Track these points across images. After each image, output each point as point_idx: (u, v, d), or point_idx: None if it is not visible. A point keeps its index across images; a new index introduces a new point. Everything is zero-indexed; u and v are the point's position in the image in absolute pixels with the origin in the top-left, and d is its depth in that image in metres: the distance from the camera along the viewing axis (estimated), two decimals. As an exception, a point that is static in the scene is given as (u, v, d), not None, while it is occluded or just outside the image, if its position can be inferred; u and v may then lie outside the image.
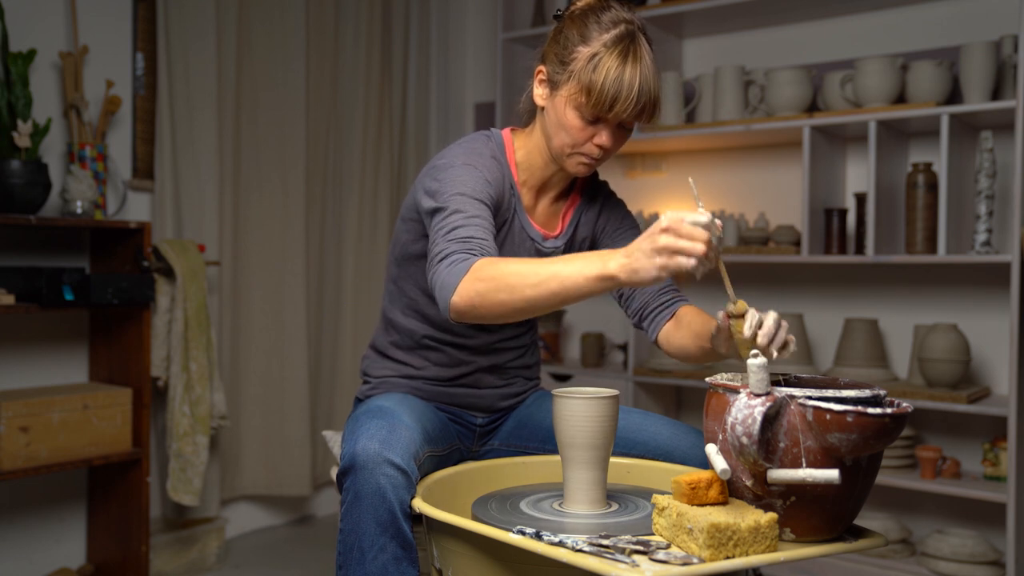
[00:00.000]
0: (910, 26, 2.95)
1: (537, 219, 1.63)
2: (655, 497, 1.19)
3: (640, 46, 1.48)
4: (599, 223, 1.69)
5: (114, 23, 2.76)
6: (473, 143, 1.56)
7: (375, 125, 3.51)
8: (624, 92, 1.45)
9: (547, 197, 1.64)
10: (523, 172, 1.60)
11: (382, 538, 1.31)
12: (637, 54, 1.46)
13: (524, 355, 1.73)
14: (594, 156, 1.52)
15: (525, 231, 1.59)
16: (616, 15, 1.49)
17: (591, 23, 1.48)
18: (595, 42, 1.46)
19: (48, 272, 2.34)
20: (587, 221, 1.68)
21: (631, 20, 1.49)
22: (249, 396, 3.10)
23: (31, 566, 2.60)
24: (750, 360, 1.14)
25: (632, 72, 1.45)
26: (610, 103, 1.45)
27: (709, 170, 3.37)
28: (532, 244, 1.60)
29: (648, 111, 1.50)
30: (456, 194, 1.43)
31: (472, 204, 1.42)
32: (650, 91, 1.47)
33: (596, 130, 1.49)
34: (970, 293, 2.84)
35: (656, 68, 1.50)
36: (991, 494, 2.50)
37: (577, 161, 1.53)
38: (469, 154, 1.52)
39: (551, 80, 1.51)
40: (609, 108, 1.45)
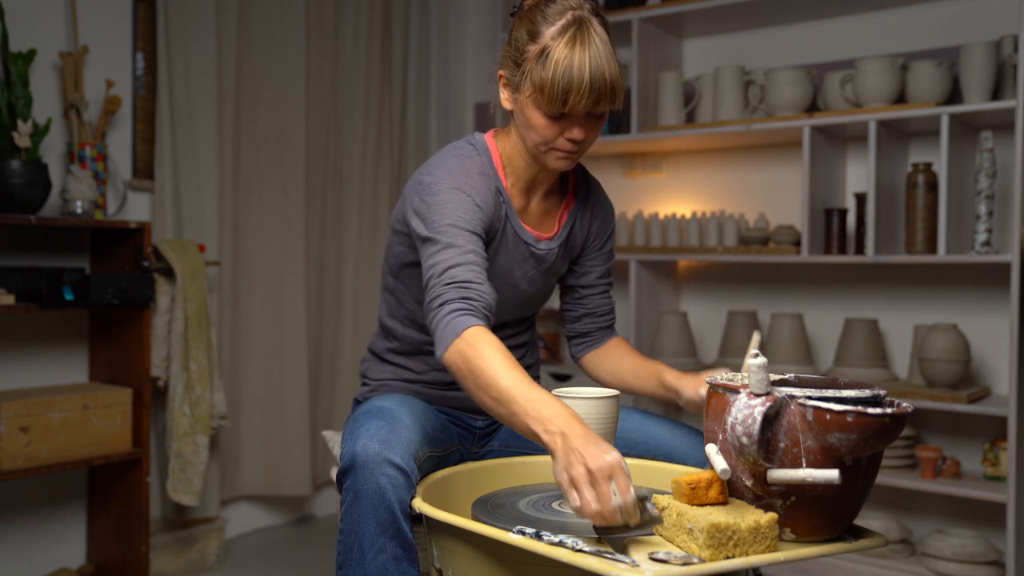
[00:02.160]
0: (910, 26, 2.95)
1: (530, 220, 1.62)
2: (655, 497, 1.19)
3: (588, 32, 1.43)
4: (591, 231, 1.70)
5: (114, 23, 2.76)
6: (460, 158, 1.53)
7: (375, 125, 3.51)
8: (575, 83, 1.41)
9: (538, 196, 1.62)
10: (510, 175, 1.59)
11: (382, 538, 1.30)
12: (585, 41, 1.42)
13: (524, 356, 1.73)
14: (569, 150, 1.50)
15: (518, 235, 1.58)
16: (562, 4, 1.45)
17: (538, 18, 1.46)
18: (543, 37, 1.44)
19: (48, 272, 2.34)
20: (582, 225, 1.68)
21: (579, 6, 1.45)
22: (249, 396, 3.10)
23: (31, 566, 2.60)
24: (750, 360, 1.14)
25: (581, 60, 1.41)
26: (563, 97, 1.42)
27: (709, 170, 3.37)
28: (526, 247, 1.59)
29: (607, 97, 1.45)
30: (448, 225, 1.42)
31: (464, 237, 1.42)
32: (604, 76, 1.42)
33: (564, 125, 1.47)
34: (970, 293, 2.84)
35: (610, 50, 1.45)
36: (991, 494, 2.50)
37: (555, 157, 1.51)
38: (457, 175, 1.49)
39: (511, 83, 1.50)
40: (563, 102, 1.43)
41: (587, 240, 1.70)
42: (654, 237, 3.30)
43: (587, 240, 1.70)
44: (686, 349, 3.15)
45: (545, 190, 1.63)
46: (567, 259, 1.69)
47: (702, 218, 3.22)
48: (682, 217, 3.25)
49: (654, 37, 3.26)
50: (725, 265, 3.32)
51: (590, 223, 1.69)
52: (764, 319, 3.20)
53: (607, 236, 1.72)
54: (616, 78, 1.44)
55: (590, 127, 1.49)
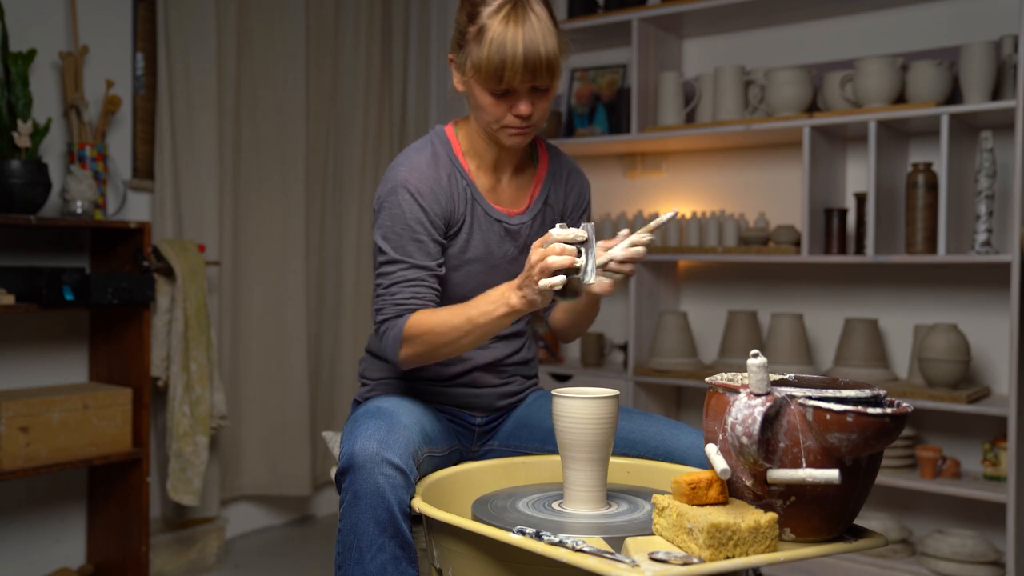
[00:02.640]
0: (910, 26, 2.95)
1: (501, 198, 1.65)
2: (655, 497, 1.19)
3: (524, 10, 1.47)
4: (567, 203, 1.73)
5: (114, 23, 2.76)
6: (419, 155, 1.59)
7: (375, 125, 3.51)
8: (508, 58, 1.46)
9: (507, 173, 1.66)
10: (473, 160, 1.63)
11: (381, 538, 1.31)
12: (520, 18, 1.46)
13: (521, 349, 1.72)
14: (519, 126, 1.53)
15: (489, 214, 1.62)
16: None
17: (478, 2, 1.50)
18: (481, 17, 1.49)
19: (48, 272, 2.34)
20: (557, 196, 1.71)
21: None
22: (249, 396, 3.10)
23: (31, 566, 2.59)
24: (750, 360, 1.14)
25: (515, 35, 1.46)
26: (498, 72, 1.47)
27: (709, 170, 3.37)
28: (500, 225, 1.63)
29: (543, 71, 1.48)
30: (395, 235, 1.53)
31: (411, 246, 1.53)
32: (538, 50, 1.46)
33: (510, 101, 1.52)
34: (970, 293, 2.84)
35: (549, 27, 1.49)
36: (991, 494, 2.50)
37: (507, 135, 1.55)
38: (414, 174, 1.55)
39: (458, 65, 1.55)
40: (499, 78, 1.47)
41: (564, 213, 1.73)
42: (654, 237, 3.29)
43: (564, 213, 1.73)
44: (686, 349, 3.15)
45: (514, 167, 1.67)
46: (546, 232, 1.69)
47: (702, 218, 3.22)
48: (682, 217, 3.25)
49: (654, 37, 3.26)
50: (725, 265, 3.32)
51: (565, 196, 1.73)
52: (764, 319, 3.20)
53: (584, 208, 1.76)
54: (552, 53, 1.48)
55: (537, 100, 1.53)
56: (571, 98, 3.60)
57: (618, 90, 3.48)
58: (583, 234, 1.35)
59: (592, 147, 3.42)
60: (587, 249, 1.36)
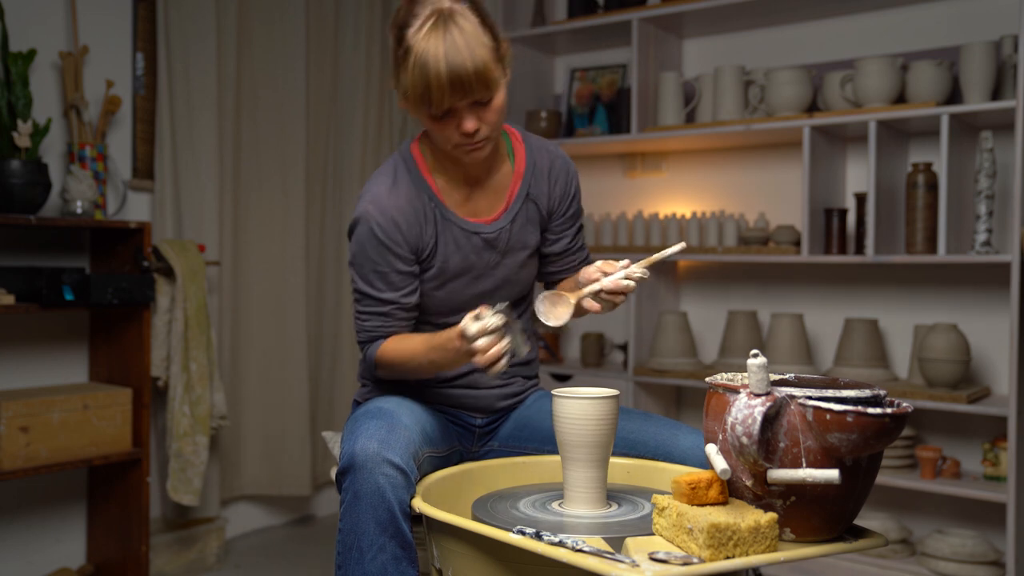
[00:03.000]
0: (910, 26, 2.95)
1: (478, 208, 1.60)
2: (655, 497, 1.19)
3: (447, 22, 1.38)
4: (554, 191, 1.66)
5: (114, 23, 2.76)
6: (380, 183, 1.55)
7: (375, 125, 3.51)
8: (432, 79, 1.38)
9: (483, 185, 1.60)
10: (441, 176, 1.58)
11: (381, 538, 1.30)
12: (442, 33, 1.38)
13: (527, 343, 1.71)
14: (473, 143, 1.46)
15: (465, 229, 1.57)
16: (424, 5, 1.41)
17: (406, 20, 1.43)
18: (406, 38, 1.41)
19: (48, 272, 2.34)
20: (539, 189, 1.63)
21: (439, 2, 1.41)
22: (249, 396, 3.10)
23: (31, 566, 2.59)
24: (750, 360, 1.14)
25: (436, 53, 1.37)
26: (425, 96, 1.40)
27: (709, 170, 3.37)
28: (477, 237, 1.58)
29: (474, 85, 1.40)
30: (360, 267, 1.54)
31: (375, 278, 1.53)
32: (463, 65, 1.37)
33: (454, 120, 1.44)
34: (970, 293, 2.84)
35: (477, 35, 1.39)
36: (991, 494, 2.50)
37: (463, 152, 1.49)
38: (373, 205, 1.52)
39: (400, 93, 1.48)
40: (428, 101, 1.41)
41: (552, 205, 1.66)
42: (654, 237, 3.30)
43: (552, 205, 1.66)
44: (686, 349, 3.15)
45: (488, 171, 1.60)
46: (532, 229, 1.65)
47: (702, 218, 3.22)
48: (682, 217, 3.25)
49: (654, 37, 3.26)
50: (725, 265, 3.32)
51: (550, 187, 1.65)
52: (764, 319, 3.20)
53: (571, 198, 1.68)
54: (481, 65, 1.39)
55: (482, 113, 1.45)
56: (571, 98, 3.60)
57: (618, 90, 3.48)
58: (496, 322, 1.35)
59: (592, 147, 3.42)
60: (509, 330, 1.37)
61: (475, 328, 1.33)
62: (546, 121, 3.46)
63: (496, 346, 1.33)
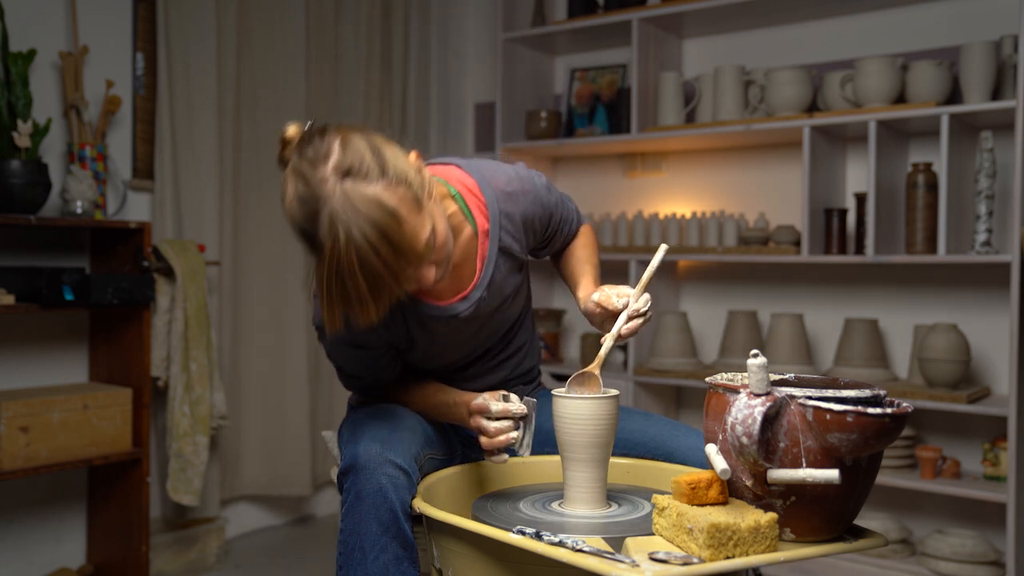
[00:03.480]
0: (910, 26, 2.95)
1: (451, 290, 1.46)
2: (655, 497, 1.19)
3: (355, 240, 1.16)
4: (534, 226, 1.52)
5: (114, 23, 2.76)
6: None
7: (375, 125, 3.51)
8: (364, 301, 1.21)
9: (458, 265, 1.45)
10: None
11: (383, 538, 1.30)
12: (354, 256, 1.17)
13: (523, 359, 1.70)
14: (431, 287, 1.31)
15: (436, 316, 1.44)
16: (316, 204, 1.19)
17: (306, 231, 1.22)
18: (321, 248, 1.20)
19: (48, 272, 2.34)
20: (509, 232, 1.47)
21: (327, 195, 1.18)
22: (249, 396, 3.10)
23: (31, 566, 2.59)
24: (750, 360, 1.14)
25: (358, 282, 1.18)
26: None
27: (709, 170, 3.37)
28: (453, 318, 1.44)
29: (406, 277, 1.23)
30: (335, 358, 1.49)
31: (352, 366, 1.49)
32: (370, 320, 1.21)
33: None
34: (970, 293, 2.84)
35: (388, 229, 1.17)
36: (991, 494, 2.50)
37: (430, 293, 1.40)
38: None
39: None
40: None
41: (535, 234, 1.55)
42: (654, 237, 3.30)
43: (535, 234, 1.55)
44: (686, 349, 3.15)
45: (459, 256, 1.44)
46: (514, 273, 1.52)
47: (702, 218, 3.22)
48: (682, 217, 3.25)
49: (654, 37, 3.26)
50: (725, 265, 3.32)
51: (523, 223, 1.50)
52: (764, 319, 3.20)
53: (549, 216, 1.55)
54: (405, 256, 1.19)
55: (430, 272, 1.28)
56: (571, 98, 3.60)
57: (618, 90, 3.48)
58: (521, 410, 1.36)
59: (592, 147, 3.42)
60: (526, 424, 1.37)
61: (498, 408, 1.36)
62: (546, 121, 3.46)
63: (506, 435, 1.35)
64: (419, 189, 1.23)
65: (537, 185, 1.52)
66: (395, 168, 1.21)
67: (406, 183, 1.21)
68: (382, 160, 1.20)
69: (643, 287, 1.41)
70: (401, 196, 1.19)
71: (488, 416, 1.37)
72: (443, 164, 1.50)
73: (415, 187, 1.22)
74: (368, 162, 1.19)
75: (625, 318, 1.40)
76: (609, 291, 1.43)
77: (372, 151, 1.21)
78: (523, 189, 1.49)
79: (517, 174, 1.50)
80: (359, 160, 1.18)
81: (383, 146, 1.23)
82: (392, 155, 1.23)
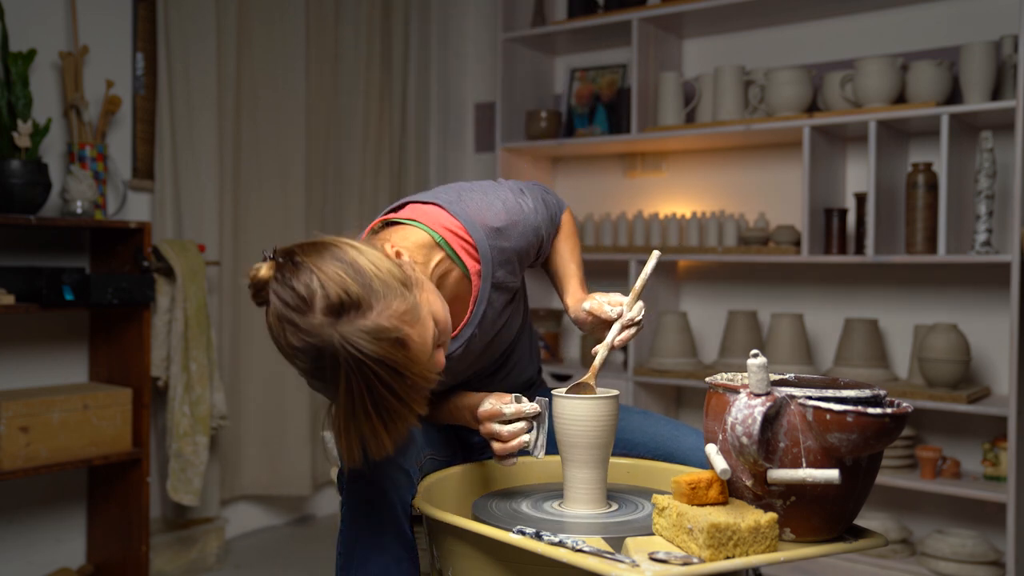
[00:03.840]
0: (910, 26, 2.95)
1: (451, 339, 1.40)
2: (655, 497, 1.19)
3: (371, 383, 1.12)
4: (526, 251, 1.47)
5: (114, 23, 2.76)
6: None
7: (375, 125, 3.51)
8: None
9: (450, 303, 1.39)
10: None
11: (383, 538, 1.30)
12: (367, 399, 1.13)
13: (526, 368, 1.70)
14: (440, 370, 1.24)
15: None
16: (316, 357, 1.12)
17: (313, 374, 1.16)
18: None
19: (48, 272, 2.34)
20: (502, 264, 1.43)
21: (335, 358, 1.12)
22: (249, 396, 3.10)
23: (31, 566, 2.59)
24: (750, 360, 1.14)
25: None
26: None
27: (709, 170, 3.37)
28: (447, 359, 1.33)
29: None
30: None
31: None
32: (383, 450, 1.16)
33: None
34: (970, 293, 2.84)
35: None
36: (991, 494, 2.50)
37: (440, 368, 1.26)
38: None
39: None
40: None
41: (528, 259, 1.51)
42: (654, 237, 3.30)
43: (528, 259, 1.51)
44: (686, 349, 3.15)
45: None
46: (505, 305, 1.48)
47: (702, 218, 3.22)
48: (682, 217, 3.25)
49: (654, 37, 3.26)
50: (725, 265, 3.32)
51: (517, 255, 1.45)
52: (764, 319, 3.20)
53: (540, 237, 1.50)
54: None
55: (439, 360, 1.23)
56: (571, 98, 3.60)
57: (618, 90, 3.48)
58: (534, 409, 1.35)
59: (592, 147, 3.42)
60: (539, 424, 1.36)
61: (511, 410, 1.35)
62: (546, 121, 3.46)
63: (519, 438, 1.35)
64: (407, 286, 1.17)
65: (525, 212, 1.45)
66: (379, 281, 1.14)
67: (395, 292, 1.14)
68: (364, 279, 1.13)
69: (636, 295, 1.40)
70: (397, 313, 1.13)
71: (501, 420, 1.36)
72: (425, 204, 1.42)
73: (405, 290, 1.16)
74: (354, 291, 1.11)
75: (619, 328, 1.39)
76: (601, 299, 1.42)
77: (351, 274, 1.13)
78: (512, 221, 1.43)
79: (504, 206, 1.43)
80: (344, 292, 1.11)
81: (357, 257, 1.15)
82: (369, 264, 1.15)
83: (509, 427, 1.35)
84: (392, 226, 1.40)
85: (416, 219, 1.39)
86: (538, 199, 1.52)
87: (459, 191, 1.45)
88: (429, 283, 1.25)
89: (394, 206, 1.45)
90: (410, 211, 1.41)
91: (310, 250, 1.16)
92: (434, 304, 1.22)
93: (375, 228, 1.42)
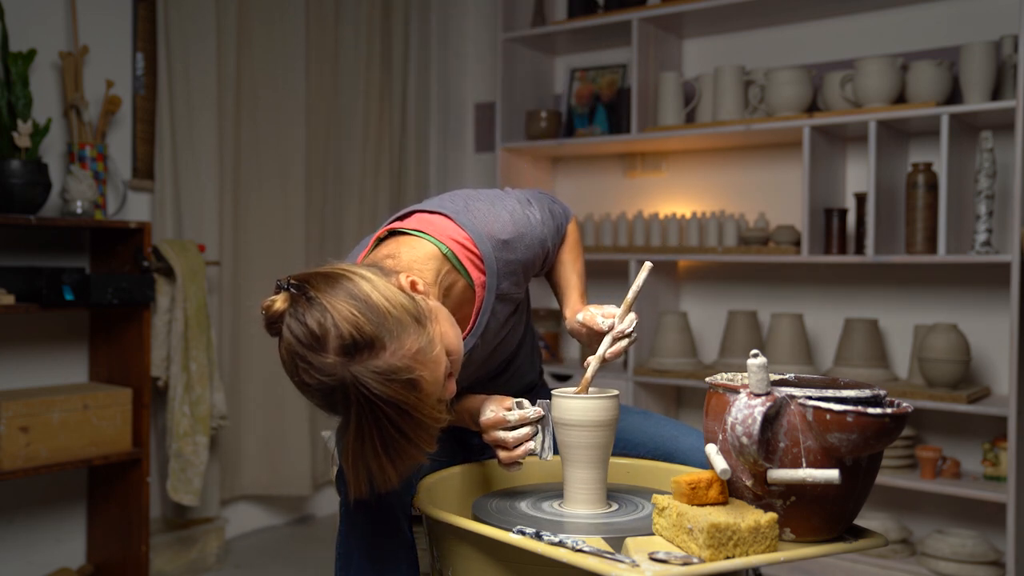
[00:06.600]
0: (910, 26, 2.95)
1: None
2: (655, 497, 1.19)
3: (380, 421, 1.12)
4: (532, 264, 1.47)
5: (114, 23, 2.76)
6: None
7: (375, 125, 3.51)
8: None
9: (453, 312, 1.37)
10: None
11: (383, 539, 1.30)
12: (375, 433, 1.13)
13: (528, 371, 1.69)
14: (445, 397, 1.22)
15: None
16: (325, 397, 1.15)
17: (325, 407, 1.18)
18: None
19: (48, 272, 2.34)
20: (507, 275, 1.42)
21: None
22: (249, 396, 3.10)
23: (31, 566, 2.59)
24: (750, 360, 1.14)
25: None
26: None
27: (709, 170, 3.37)
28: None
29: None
30: None
31: None
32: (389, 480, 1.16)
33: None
34: (970, 293, 2.84)
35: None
36: (991, 494, 2.50)
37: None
38: None
39: None
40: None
41: (534, 270, 1.51)
42: (654, 237, 3.30)
43: (534, 270, 1.51)
44: (686, 349, 3.15)
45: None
46: (508, 315, 1.48)
47: (702, 218, 3.22)
48: (682, 217, 3.25)
49: (654, 37, 3.26)
50: (725, 265, 3.32)
51: (523, 267, 1.45)
52: (764, 319, 3.20)
53: (546, 249, 1.50)
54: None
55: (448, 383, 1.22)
56: (571, 98, 3.60)
57: (618, 90, 3.48)
58: (537, 414, 1.34)
59: (592, 147, 3.42)
60: (543, 427, 1.36)
61: (514, 416, 1.34)
62: (546, 121, 3.46)
63: (525, 445, 1.34)
64: (421, 321, 1.16)
65: (532, 223, 1.45)
66: (392, 319, 1.13)
67: (408, 329, 1.14)
68: (378, 317, 1.12)
69: (627, 307, 1.39)
70: (410, 352, 1.13)
71: (505, 427, 1.35)
72: (432, 214, 1.41)
73: (419, 327, 1.15)
74: (367, 330, 1.10)
75: (610, 340, 1.38)
76: (595, 311, 1.42)
77: (364, 311, 1.12)
78: (519, 233, 1.42)
79: (512, 217, 1.42)
80: (356, 331, 1.10)
81: (371, 292, 1.14)
82: (382, 300, 1.14)
83: (514, 433, 1.35)
84: (398, 236, 1.39)
85: (423, 230, 1.38)
86: (545, 210, 1.51)
87: (466, 200, 1.44)
88: (443, 311, 1.24)
89: (400, 215, 1.45)
90: (416, 221, 1.40)
91: (323, 283, 1.15)
92: (447, 335, 1.21)
93: (381, 237, 1.41)
